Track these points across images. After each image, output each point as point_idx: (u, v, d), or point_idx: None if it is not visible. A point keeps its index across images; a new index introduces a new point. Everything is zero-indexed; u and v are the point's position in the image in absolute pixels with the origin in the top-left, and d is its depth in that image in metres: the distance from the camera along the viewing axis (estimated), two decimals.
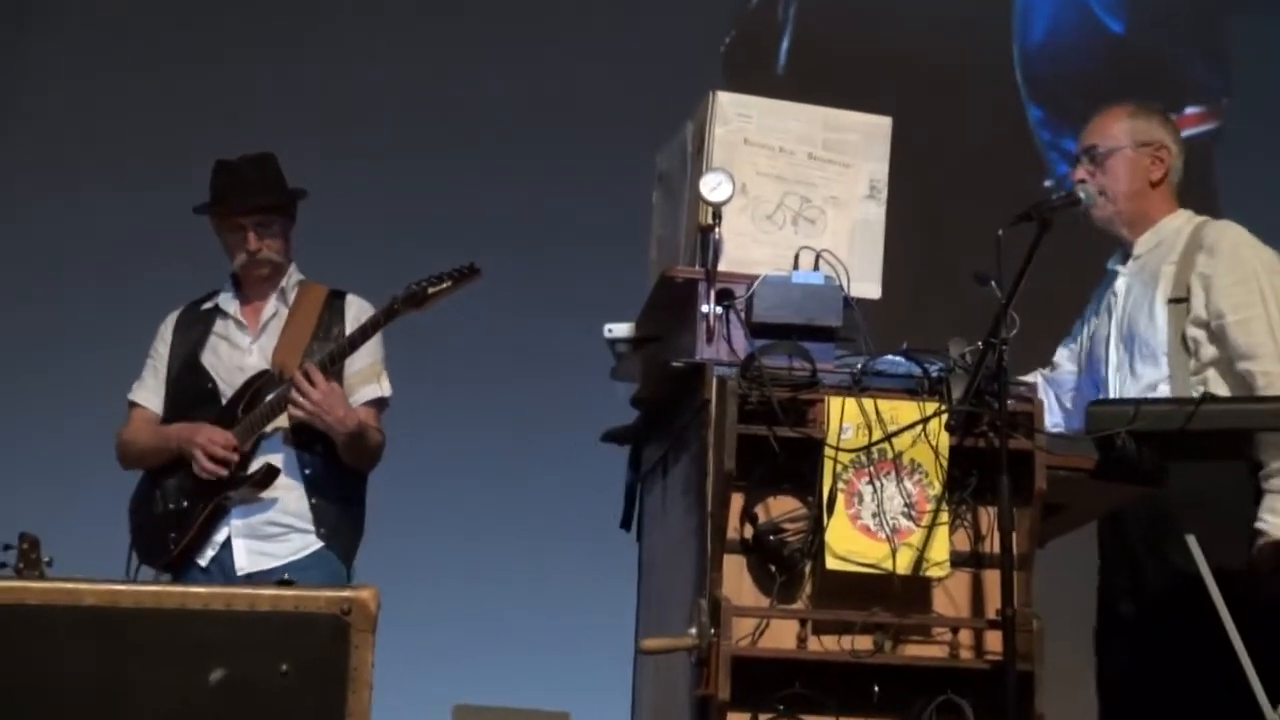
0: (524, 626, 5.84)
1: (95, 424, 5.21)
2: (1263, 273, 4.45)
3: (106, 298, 5.87)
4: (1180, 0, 7.50)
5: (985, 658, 4.01)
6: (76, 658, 3.35)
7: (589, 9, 7.22)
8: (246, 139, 5.90)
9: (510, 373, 6.34)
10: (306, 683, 3.35)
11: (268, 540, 4.90)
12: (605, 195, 5.49)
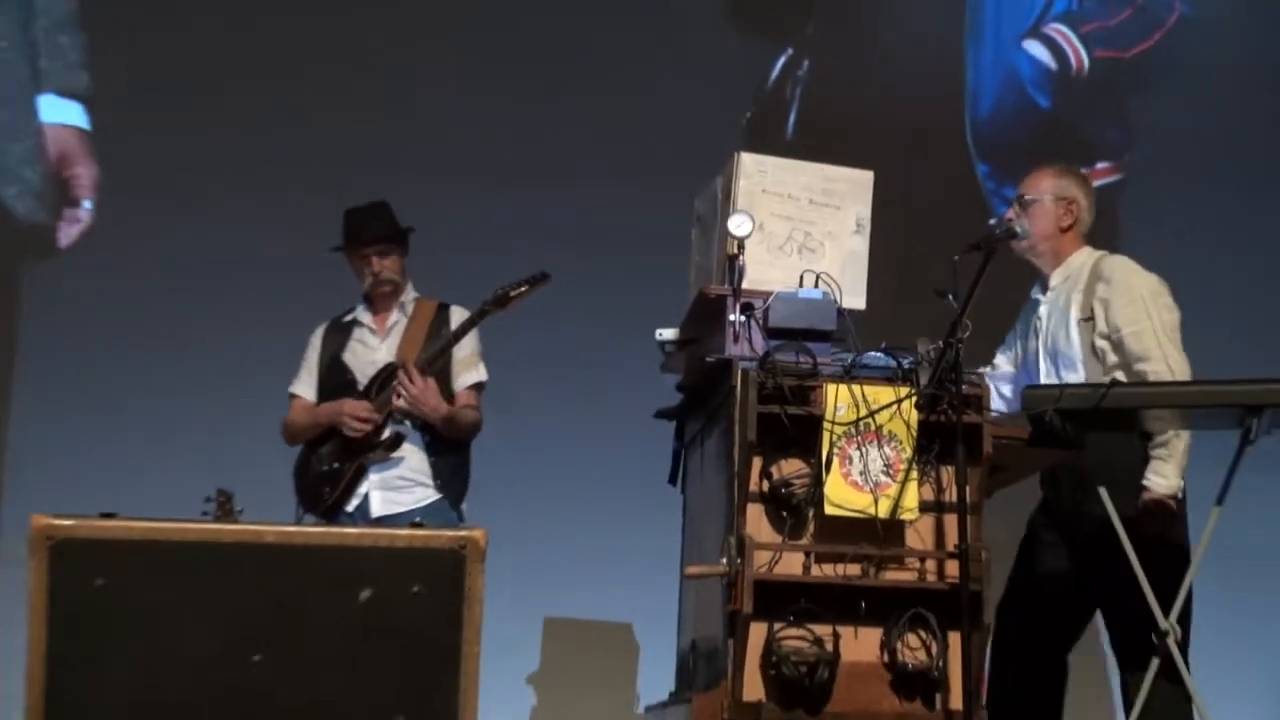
0: (596, 558, 5.81)
1: (269, 405, 5.27)
2: (1147, 295, 4.49)
3: (275, 306, 5.83)
4: (1093, 83, 7.47)
5: (946, 581, 4.07)
6: (260, 582, 3.34)
7: (642, 85, 7.21)
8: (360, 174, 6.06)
9: (587, 364, 6.36)
10: (433, 600, 3.35)
11: (397, 491, 4.94)
12: (655, 231, 5.50)
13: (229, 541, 3.39)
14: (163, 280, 6.86)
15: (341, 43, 7.25)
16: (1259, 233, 7.33)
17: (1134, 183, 6.96)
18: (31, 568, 3.29)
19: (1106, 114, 7.49)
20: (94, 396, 6.65)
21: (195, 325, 6.75)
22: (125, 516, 3.37)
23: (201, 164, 7.00)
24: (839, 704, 4.05)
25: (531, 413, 6.26)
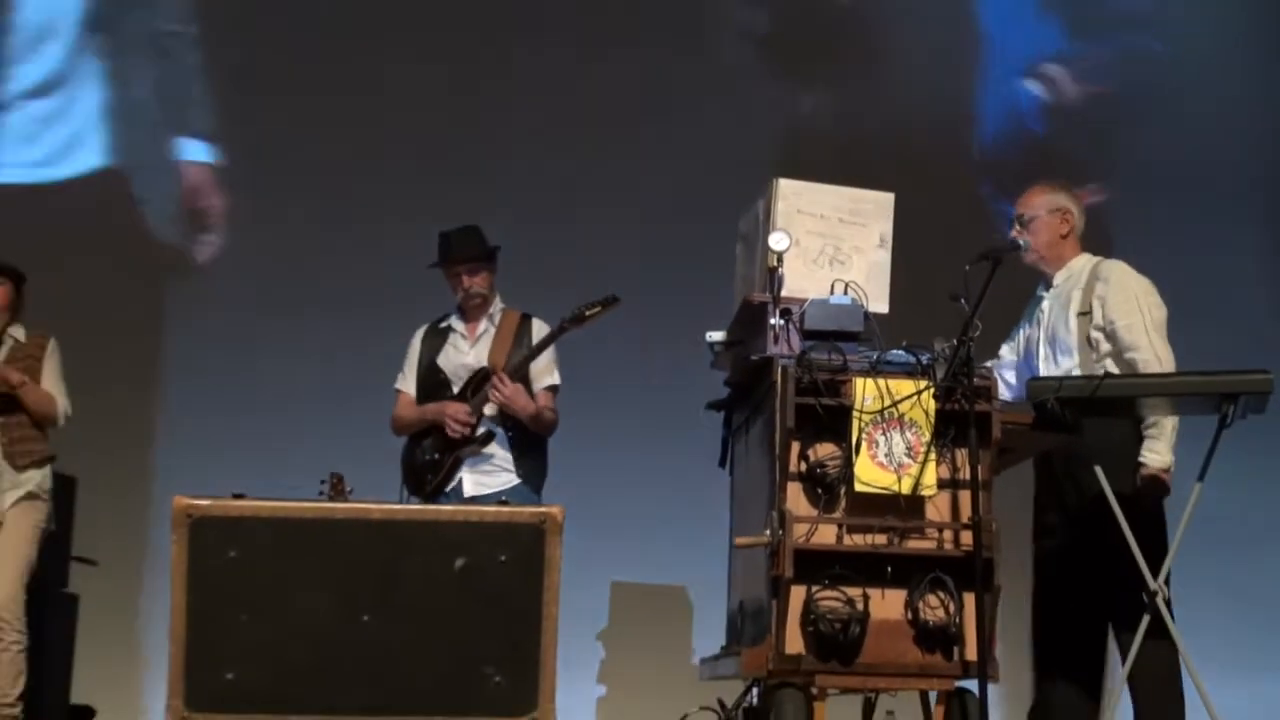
0: (655, 532, 5.83)
1: (377, 400, 5.27)
2: (1140, 294, 4.46)
3: (391, 310, 5.81)
4: (1081, 114, 7.47)
5: (961, 548, 4.04)
6: (369, 551, 3.38)
7: (690, 120, 7.21)
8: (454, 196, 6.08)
9: (645, 365, 6.35)
10: (518, 567, 3.37)
11: (486, 475, 4.93)
12: (704, 249, 5.48)
13: (341, 518, 3.42)
14: (286, 294, 6.91)
15: (437, 97, 7.30)
16: (1231, 240, 7.32)
17: (1123, 199, 6.84)
18: (174, 540, 3.34)
19: (1094, 140, 7.45)
20: (229, 393, 6.70)
21: (313, 331, 6.80)
22: (253, 497, 3.40)
23: (317, 192, 7.09)
24: (869, 656, 4.03)
25: (598, 409, 6.18)
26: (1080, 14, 7.55)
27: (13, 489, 4.81)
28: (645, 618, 5.70)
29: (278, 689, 3.30)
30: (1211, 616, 5.60)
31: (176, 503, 3.34)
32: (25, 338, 4.99)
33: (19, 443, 4.82)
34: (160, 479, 3.58)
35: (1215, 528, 5.09)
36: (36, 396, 4.84)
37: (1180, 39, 7.55)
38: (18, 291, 5.01)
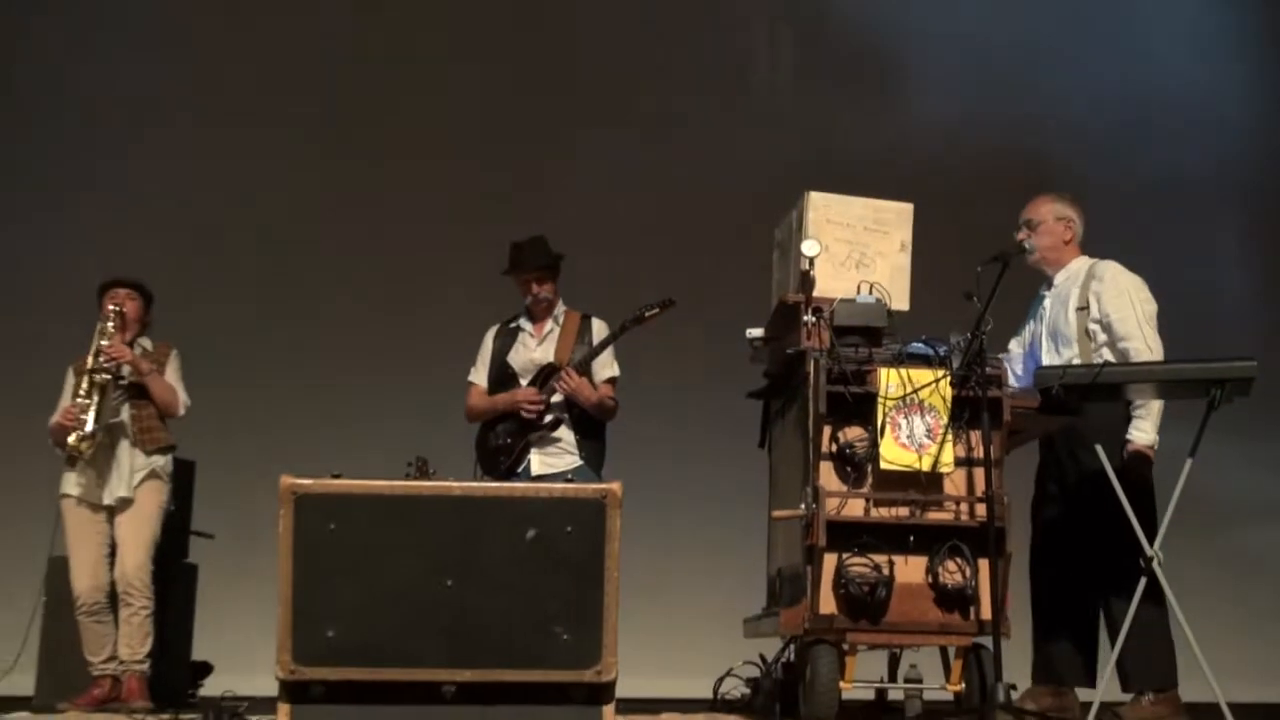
0: (702, 506, 5.86)
1: (454, 390, 5.25)
2: (1131, 290, 4.42)
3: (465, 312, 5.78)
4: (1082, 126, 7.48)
5: (976, 519, 4.03)
6: (451, 524, 3.37)
7: (724, 143, 7.18)
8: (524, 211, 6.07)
9: (697, 358, 6.29)
10: (582, 537, 3.36)
11: (552, 457, 4.90)
12: (746, 255, 5.44)
13: (427, 495, 3.42)
14: (377, 299, 6.93)
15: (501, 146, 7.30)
16: (1213, 245, 7.30)
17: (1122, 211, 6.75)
18: (280, 515, 3.34)
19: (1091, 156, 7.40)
20: (326, 388, 6.78)
21: (395, 330, 6.84)
22: (349, 477, 3.40)
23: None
24: (894, 616, 4.02)
25: (660, 400, 6.26)
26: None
27: (141, 470, 4.83)
28: (694, 582, 5.72)
29: (372, 646, 3.30)
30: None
31: (283, 482, 3.35)
32: (152, 347, 5.03)
33: (147, 431, 4.86)
34: (267, 462, 3.59)
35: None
36: (162, 387, 4.88)
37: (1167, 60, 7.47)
38: (146, 307, 5.04)
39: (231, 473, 5.46)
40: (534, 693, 3.31)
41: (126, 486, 4.79)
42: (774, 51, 7.65)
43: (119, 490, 4.79)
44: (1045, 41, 7.54)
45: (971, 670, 4.05)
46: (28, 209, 6.97)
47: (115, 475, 4.80)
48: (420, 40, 7.34)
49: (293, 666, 3.28)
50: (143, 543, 4.78)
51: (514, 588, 3.33)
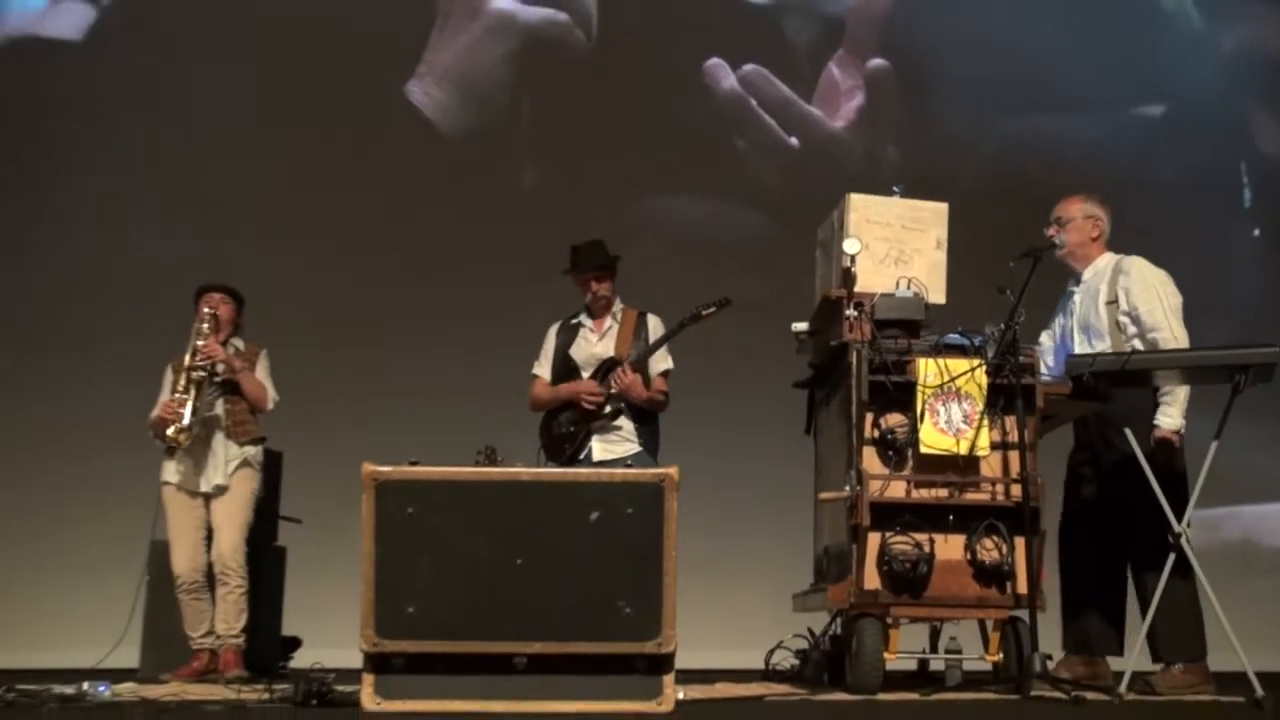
0: (752, 488, 5.83)
1: (518, 383, 5.26)
2: (1158, 283, 4.37)
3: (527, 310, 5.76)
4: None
5: (1011, 499, 4.01)
6: (520, 507, 3.37)
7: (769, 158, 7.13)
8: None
9: (746, 351, 6.24)
10: (642, 518, 3.35)
11: (613, 444, 4.88)
12: (790, 257, 5.41)
13: (498, 480, 3.42)
14: (453, 300, 6.98)
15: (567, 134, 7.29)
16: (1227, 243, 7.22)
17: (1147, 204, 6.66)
18: (363, 500, 3.37)
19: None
20: (400, 383, 6.80)
21: (463, 330, 6.87)
22: (426, 464, 3.42)
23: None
24: (934, 591, 4.01)
25: (716, 388, 6.26)
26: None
27: (234, 459, 4.89)
28: (746, 560, 5.71)
29: (448, 620, 3.32)
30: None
31: (365, 469, 3.38)
32: (243, 347, 5.08)
33: (239, 423, 4.91)
34: (350, 451, 3.61)
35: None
36: (252, 384, 4.93)
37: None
38: (238, 309, 5.09)
39: (317, 462, 5.48)
40: (599, 663, 3.31)
41: (222, 475, 4.85)
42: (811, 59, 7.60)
43: (215, 479, 4.85)
44: (1067, 47, 7.44)
45: (1009, 642, 4.02)
46: (128, 212, 7.02)
47: (211, 464, 4.86)
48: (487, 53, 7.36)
49: (376, 640, 3.31)
50: (237, 526, 4.84)
51: (579, 566, 3.34)
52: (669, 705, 3.32)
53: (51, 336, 6.79)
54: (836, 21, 7.54)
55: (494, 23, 7.34)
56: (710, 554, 5.26)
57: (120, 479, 5.51)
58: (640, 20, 7.43)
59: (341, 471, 3.65)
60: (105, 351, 6.61)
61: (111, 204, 6.99)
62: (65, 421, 6.50)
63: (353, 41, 7.26)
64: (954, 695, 3.98)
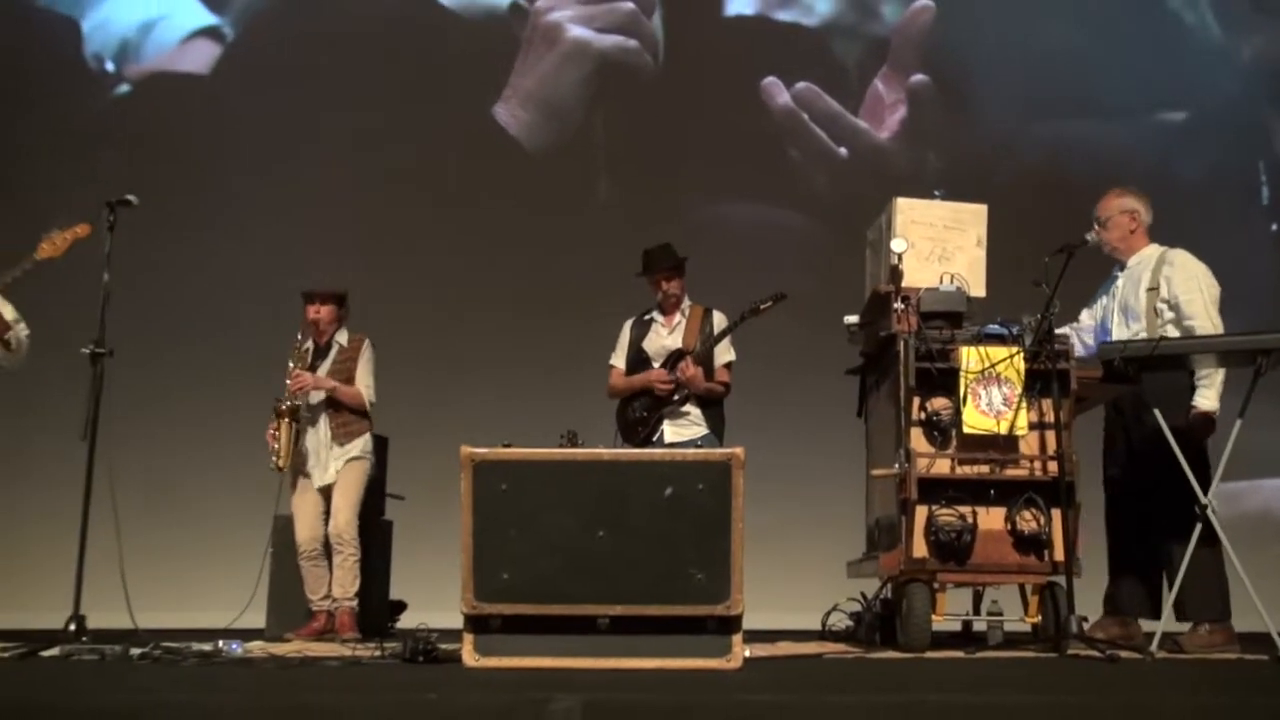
0: (810, 465, 5.76)
1: (598, 373, 5.25)
2: (1199, 275, 4.26)
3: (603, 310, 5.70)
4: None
5: (1048, 475, 3.96)
6: (602, 485, 3.37)
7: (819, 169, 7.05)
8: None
9: (801, 342, 6.13)
10: (713, 493, 3.33)
11: (682, 427, 4.87)
12: (839, 256, 5.37)
13: (582, 460, 3.43)
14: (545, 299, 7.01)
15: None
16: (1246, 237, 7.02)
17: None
18: (462, 479, 3.39)
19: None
20: (499, 375, 6.83)
21: (547, 325, 6.88)
22: (517, 446, 3.43)
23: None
24: (977, 558, 3.97)
25: (777, 377, 6.20)
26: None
27: (339, 458, 4.93)
28: (805, 531, 5.67)
29: (538, 586, 3.33)
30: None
31: (463, 451, 3.40)
32: (347, 342, 5.09)
33: (341, 426, 4.95)
34: (448, 434, 3.64)
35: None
36: (347, 395, 4.96)
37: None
38: (339, 308, 5.09)
39: (419, 444, 5.52)
40: (674, 624, 3.31)
41: (331, 474, 4.91)
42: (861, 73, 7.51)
43: (326, 478, 4.91)
44: (1096, 58, 7.28)
45: (1047, 605, 3.99)
46: (252, 222, 7.06)
47: (322, 465, 4.93)
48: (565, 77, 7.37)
49: (474, 603, 3.32)
50: (350, 504, 4.90)
51: (656, 537, 3.33)
52: (737, 661, 3.31)
53: (194, 334, 6.82)
54: (881, 41, 7.45)
55: (571, 49, 7.34)
56: (773, 526, 5.22)
57: (249, 460, 5.58)
58: (702, 44, 7.41)
59: (441, 453, 3.67)
60: (235, 346, 6.66)
61: (238, 213, 7.06)
62: (204, 409, 6.57)
63: (445, 69, 7.30)
64: (996, 653, 3.94)
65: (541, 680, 2.87)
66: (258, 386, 5.40)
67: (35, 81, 7.18)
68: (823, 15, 7.47)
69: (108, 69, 7.36)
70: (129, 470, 4.35)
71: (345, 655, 3.76)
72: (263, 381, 5.28)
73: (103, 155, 6.94)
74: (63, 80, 7.28)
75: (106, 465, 4.12)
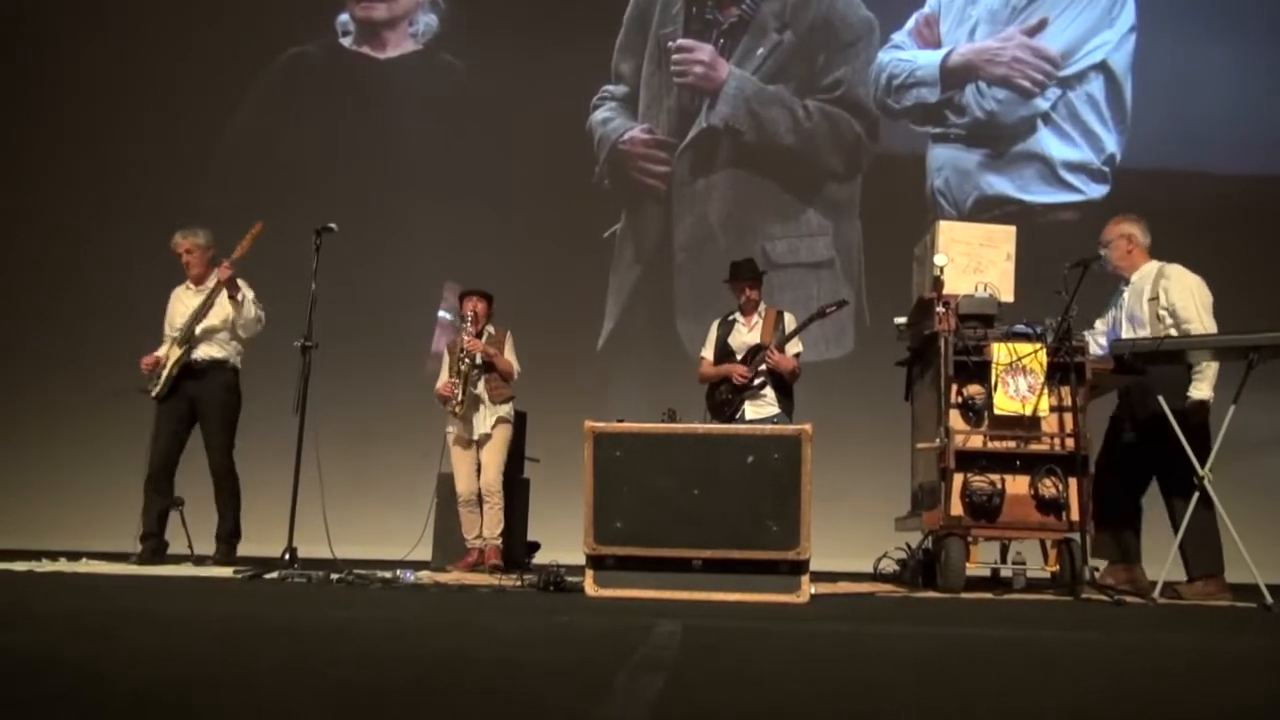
0: (865, 439, 5.58)
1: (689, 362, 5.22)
2: (1193, 286, 4.08)
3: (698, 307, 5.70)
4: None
5: (1065, 449, 3.86)
6: (697, 452, 3.39)
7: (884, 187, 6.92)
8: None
9: (859, 339, 6.06)
10: (786, 461, 3.34)
11: (760, 407, 4.80)
12: (895, 272, 5.20)
13: (681, 433, 3.45)
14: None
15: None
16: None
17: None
18: (584, 447, 3.44)
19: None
20: (618, 366, 6.83)
21: (657, 325, 6.83)
22: (629, 420, 3.47)
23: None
24: (1005, 517, 3.89)
25: (829, 367, 6.07)
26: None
27: (492, 414, 4.99)
28: (860, 492, 5.54)
29: (646, 532, 3.36)
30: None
31: (586, 425, 3.45)
32: (494, 331, 5.15)
33: (495, 389, 5.01)
34: (575, 411, 3.67)
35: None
36: (502, 363, 5.02)
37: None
38: (489, 305, 5.13)
39: (551, 418, 5.54)
40: (754, 566, 3.32)
41: (486, 426, 4.97)
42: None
43: (482, 429, 4.98)
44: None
45: (1064, 556, 3.89)
46: (416, 219, 6.99)
47: (478, 420, 4.98)
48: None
49: (594, 545, 3.38)
50: (497, 463, 4.97)
51: (740, 495, 3.34)
52: (805, 597, 3.30)
53: (377, 329, 6.75)
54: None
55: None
56: (835, 487, 5.07)
57: (419, 429, 5.69)
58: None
59: (569, 428, 3.70)
60: (405, 342, 6.75)
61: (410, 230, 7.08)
62: (394, 394, 6.55)
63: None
64: (1020, 596, 3.86)
65: (647, 608, 2.89)
66: (422, 377, 5.48)
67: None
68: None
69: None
70: (329, 438, 4.45)
71: (493, 584, 3.82)
72: (424, 374, 5.32)
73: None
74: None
75: (313, 435, 4.28)
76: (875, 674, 1.77)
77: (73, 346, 6.89)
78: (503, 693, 1.50)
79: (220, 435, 4.80)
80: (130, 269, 6.65)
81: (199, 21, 7.30)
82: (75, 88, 7.30)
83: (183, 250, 4.96)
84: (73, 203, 7.25)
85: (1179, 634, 2.61)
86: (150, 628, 2.26)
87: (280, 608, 2.81)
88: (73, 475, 6.64)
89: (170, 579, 3.87)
